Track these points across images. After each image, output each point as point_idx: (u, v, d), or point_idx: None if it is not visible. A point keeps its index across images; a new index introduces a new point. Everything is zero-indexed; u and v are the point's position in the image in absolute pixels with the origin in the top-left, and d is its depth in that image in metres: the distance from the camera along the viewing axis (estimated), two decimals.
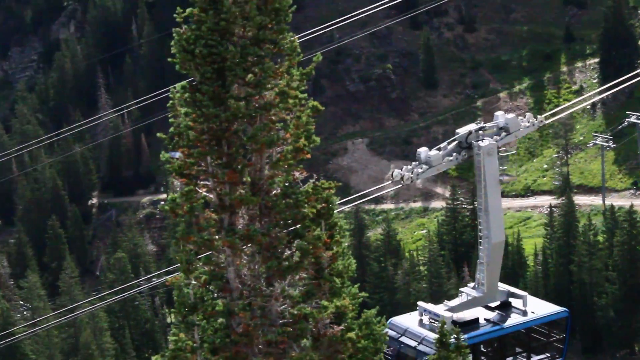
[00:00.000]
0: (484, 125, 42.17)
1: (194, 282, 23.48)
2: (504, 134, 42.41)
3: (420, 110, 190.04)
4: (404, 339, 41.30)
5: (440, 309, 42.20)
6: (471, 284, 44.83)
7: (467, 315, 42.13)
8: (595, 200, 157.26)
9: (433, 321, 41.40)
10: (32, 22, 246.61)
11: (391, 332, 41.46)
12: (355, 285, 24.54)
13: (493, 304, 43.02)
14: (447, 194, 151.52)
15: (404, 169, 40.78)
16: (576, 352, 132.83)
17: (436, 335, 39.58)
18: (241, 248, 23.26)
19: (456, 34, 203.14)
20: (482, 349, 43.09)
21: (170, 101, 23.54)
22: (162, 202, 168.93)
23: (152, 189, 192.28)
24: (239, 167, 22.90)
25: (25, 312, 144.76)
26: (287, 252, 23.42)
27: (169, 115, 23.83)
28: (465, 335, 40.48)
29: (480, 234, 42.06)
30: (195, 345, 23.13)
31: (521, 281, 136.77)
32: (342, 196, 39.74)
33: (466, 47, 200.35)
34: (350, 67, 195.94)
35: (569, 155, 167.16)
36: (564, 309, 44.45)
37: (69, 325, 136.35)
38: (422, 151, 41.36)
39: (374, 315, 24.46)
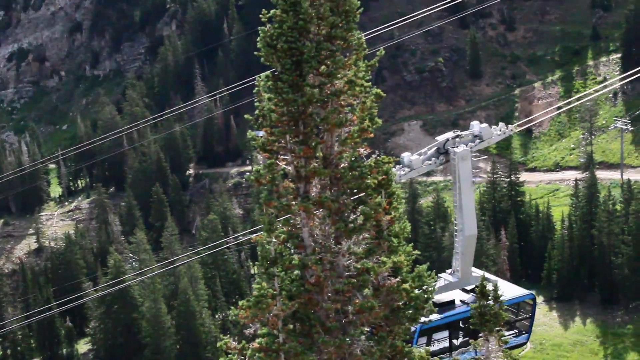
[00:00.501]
0: (460, 133, 41.72)
1: (274, 240, 23.58)
2: (478, 141, 41.91)
3: (467, 97, 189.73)
4: None
5: None
6: (449, 270, 44.29)
7: (444, 297, 41.74)
8: (615, 175, 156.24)
9: None
10: (141, 21, 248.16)
11: None
12: (409, 245, 24.46)
13: (469, 287, 42.55)
14: (488, 168, 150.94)
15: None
16: (595, 303, 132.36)
17: None
18: (314, 212, 23.31)
19: (498, 32, 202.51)
20: (458, 325, 42.74)
21: (256, 88, 23.77)
22: (248, 173, 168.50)
23: (239, 161, 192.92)
24: (313, 144, 22.99)
25: (133, 263, 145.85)
26: (353, 216, 23.45)
27: (255, 100, 23.98)
28: (442, 314, 40.31)
29: (456, 228, 41.61)
30: (275, 292, 23.22)
31: (550, 243, 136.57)
32: None
33: (506, 43, 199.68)
34: (407, 60, 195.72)
35: (593, 136, 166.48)
36: (530, 292, 43.87)
37: (170, 275, 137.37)
38: (405, 156, 40.88)
39: (425, 270, 24.38)
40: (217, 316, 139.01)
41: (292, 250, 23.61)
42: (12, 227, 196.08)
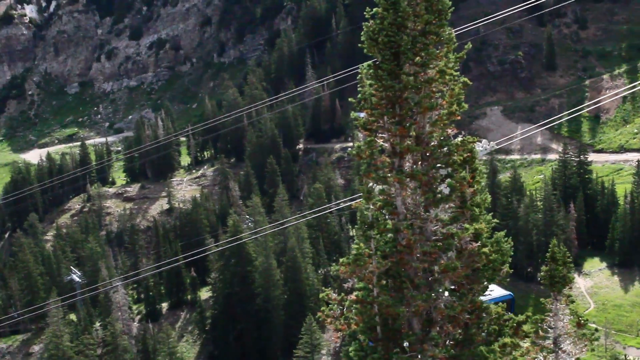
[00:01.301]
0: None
1: (372, 207, 23.66)
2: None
3: (542, 87, 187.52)
4: None
5: None
6: None
7: None
8: None
9: None
10: (261, 17, 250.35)
11: None
12: (489, 214, 24.25)
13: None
14: (560, 148, 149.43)
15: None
16: None
17: None
18: (407, 183, 23.31)
19: (572, 30, 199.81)
20: None
21: (359, 75, 23.89)
22: (350, 149, 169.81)
23: (342, 138, 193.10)
24: (408, 124, 23.04)
25: (249, 224, 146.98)
26: (440, 188, 23.39)
27: (358, 85, 24.08)
28: None
29: None
30: (371, 252, 23.31)
31: (613, 215, 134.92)
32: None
33: (579, 40, 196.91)
34: (491, 53, 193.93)
35: None
36: (509, 293, 42.57)
37: (280, 234, 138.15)
38: None
39: (502, 236, 24.14)
40: (319, 271, 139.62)
41: (387, 216, 23.63)
42: (148, 190, 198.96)
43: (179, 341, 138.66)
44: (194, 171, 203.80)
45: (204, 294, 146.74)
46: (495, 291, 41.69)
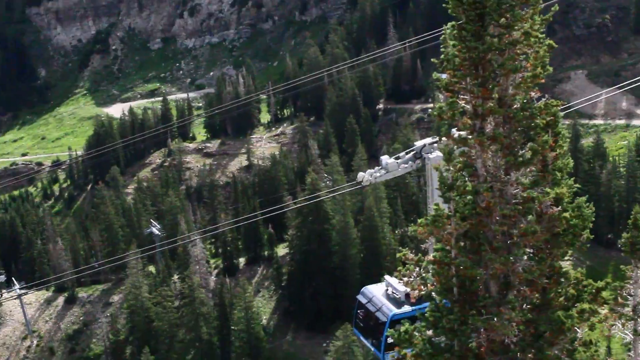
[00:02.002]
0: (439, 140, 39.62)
1: (452, 168, 23.55)
2: None
3: (629, 51, 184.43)
4: (369, 306, 39.29)
5: (396, 282, 39.67)
6: None
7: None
8: None
9: (394, 293, 39.36)
10: None
11: (362, 298, 39.89)
12: (571, 179, 23.97)
13: None
14: None
15: (367, 172, 38.87)
16: None
17: (391, 306, 37.43)
18: (488, 146, 23.12)
19: None
20: None
21: (443, 36, 23.69)
22: (431, 109, 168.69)
23: (422, 99, 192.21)
24: (490, 86, 22.80)
25: (327, 182, 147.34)
26: (522, 151, 23.19)
27: (441, 46, 23.94)
28: (415, 307, 38.22)
29: None
30: (450, 213, 23.23)
31: None
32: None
33: None
34: (577, 16, 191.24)
35: None
36: None
37: (358, 194, 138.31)
38: (384, 158, 38.90)
39: (584, 201, 23.85)
40: (396, 231, 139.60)
41: (467, 178, 23.49)
42: (227, 146, 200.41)
43: (255, 296, 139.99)
44: (273, 129, 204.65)
45: (281, 250, 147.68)
46: None
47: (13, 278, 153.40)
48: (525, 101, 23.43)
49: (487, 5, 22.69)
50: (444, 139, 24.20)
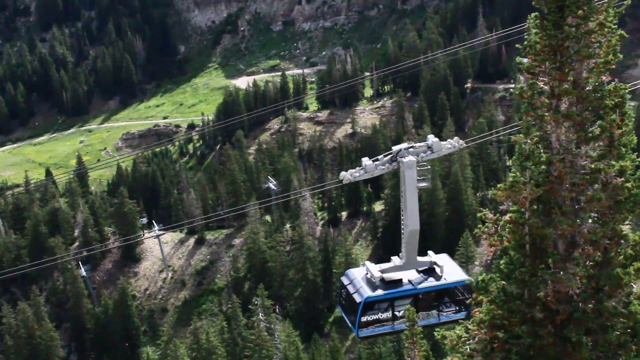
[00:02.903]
0: (414, 144, 37.91)
1: (529, 141, 23.39)
2: (429, 152, 38.19)
3: None
4: (349, 287, 38.35)
5: (374, 269, 38.60)
6: (399, 255, 40.59)
7: (394, 275, 38.34)
8: None
9: (372, 277, 38.51)
10: None
11: (345, 280, 38.88)
12: (634, 154, 23.57)
13: (421, 268, 38.72)
14: None
15: (348, 172, 37.56)
16: None
17: (367, 289, 37.02)
18: (562, 122, 22.89)
19: None
20: (402, 299, 38.71)
21: (526, 24, 23.51)
22: (512, 89, 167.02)
23: (505, 80, 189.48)
24: (567, 70, 22.57)
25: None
26: (591, 128, 22.90)
27: (524, 34, 23.75)
28: (387, 290, 37.15)
29: (403, 224, 38.18)
30: (525, 180, 23.13)
31: None
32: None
33: None
34: None
35: None
36: (469, 279, 39.70)
37: (445, 160, 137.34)
38: (364, 160, 37.83)
39: None
40: (477, 194, 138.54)
41: (542, 150, 23.31)
42: (335, 116, 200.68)
43: (353, 245, 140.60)
44: (374, 102, 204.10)
45: (378, 206, 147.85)
46: (457, 276, 39.41)
47: (153, 221, 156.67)
48: (597, 84, 23.21)
49: None
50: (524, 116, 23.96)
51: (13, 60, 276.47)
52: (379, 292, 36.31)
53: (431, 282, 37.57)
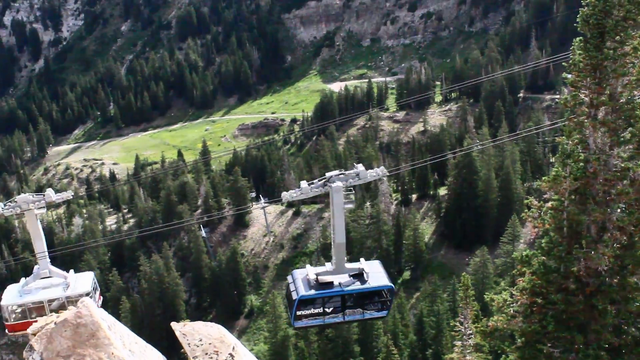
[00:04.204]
0: (344, 172, 36.19)
1: (570, 142, 22.99)
2: (357, 178, 36.40)
3: None
4: (290, 285, 37.10)
5: (312, 271, 37.49)
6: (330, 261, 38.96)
7: (327, 278, 36.94)
8: None
9: (308, 278, 37.40)
10: (502, 0, 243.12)
11: (289, 278, 37.24)
12: None
13: (352, 273, 36.52)
14: None
15: (289, 192, 35.56)
16: None
17: (303, 288, 35.56)
18: (598, 128, 22.43)
19: None
20: (331, 299, 37.07)
21: (572, 46, 23.10)
22: (558, 99, 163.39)
23: (552, 91, 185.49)
24: (604, 85, 22.14)
25: (478, 146, 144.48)
26: (624, 134, 22.39)
27: (570, 54, 23.35)
28: (319, 291, 35.87)
29: (332, 237, 36.53)
30: (566, 175, 22.80)
31: None
32: None
33: None
34: None
35: None
36: (390, 284, 37.69)
37: (499, 155, 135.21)
38: (302, 183, 36.26)
39: None
40: (524, 184, 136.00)
41: (580, 150, 22.87)
42: (410, 116, 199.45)
43: (421, 221, 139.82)
44: (443, 106, 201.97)
45: (442, 191, 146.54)
46: (381, 281, 38.11)
47: (260, 195, 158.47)
48: (629, 97, 22.68)
49: (607, 26, 22.14)
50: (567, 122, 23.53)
51: (156, 64, 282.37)
52: (312, 291, 35.72)
53: (357, 285, 36.71)
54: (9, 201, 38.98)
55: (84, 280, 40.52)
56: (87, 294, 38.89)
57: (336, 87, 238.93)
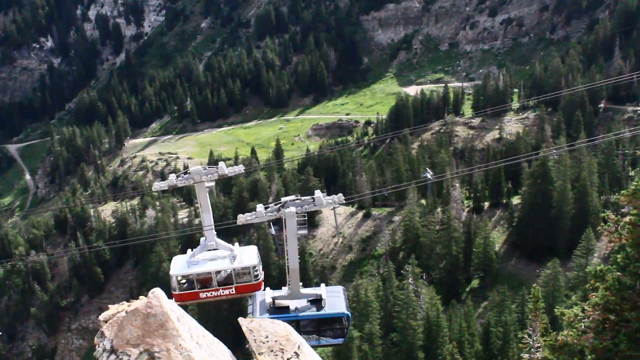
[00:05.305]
0: (300, 197, 34.63)
1: None
2: (312, 204, 34.77)
3: None
4: (249, 307, 36.27)
5: (269, 295, 36.18)
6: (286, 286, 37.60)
7: (284, 302, 35.52)
8: None
9: (266, 302, 36.44)
10: (586, 7, 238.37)
11: (250, 300, 37.32)
12: None
13: (311, 298, 36.40)
14: None
15: (245, 215, 35.00)
16: None
17: (259, 311, 35.56)
18: None
19: None
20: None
21: None
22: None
23: (634, 103, 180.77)
24: None
25: (555, 156, 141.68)
26: None
27: None
28: (273, 315, 34.77)
29: (287, 263, 35.07)
30: None
31: None
32: None
33: None
34: None
35: None
36: (345, 312, 35.91)
37: (576, 166, 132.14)
38: (258, 206, 34.83)
39: None
40: (601, 197, 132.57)
41: None
42: (486, 123, 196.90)
43: (492, 230, 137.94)
44: (520, 113, 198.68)
45: (515, 200, 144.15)
46: (337, 308, 36.95)
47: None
48: None
49: None
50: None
51: (234, 62, 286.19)
52: (266, 315, 35.46)
53: (313, 311, 36.17)
54: (182, 172, 40.07)
55: (250, 254, 40.96)
56: (254, 267, 39.71)
57: (412, 90, 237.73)
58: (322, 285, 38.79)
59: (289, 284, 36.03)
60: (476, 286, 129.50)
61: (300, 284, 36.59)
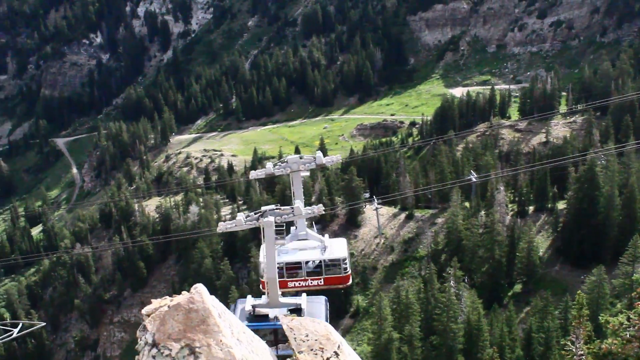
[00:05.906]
0: (280, 207, 33.46)
1: None
2: (291, 214, 33.60)
3: None
4: (235, 312, 35.20)
5: (249, 302, 35.10)
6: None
7: (263, 311, 34.54)
8: None
9: (246, 309, 35.52)
10: (639, 10, 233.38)
11: (232, 306, 35.23)
12: None
13: (290, 308, 34.21)
14: None
15: (225, 223, 33.13)
16: None
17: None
18: None
19: None
20: (265, 334, 34.50)
21: None
22: None
23: None
24: None
25: (602, 162, 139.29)
26: None
27: None
28: (252, 323, 33.78)
29: (263, 273, 33.99)
30: None
31: None
32: None
33: None
34: None
35: None
36: (324, 323, 34.70)
37: (625, 172, 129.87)
38: (239, 214, 33.81)
39: None
40: None
41: None
42: (532, 126, 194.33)
43: (536, 234, 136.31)
44: (567, 117, 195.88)
45: (561, 205, 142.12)
46: (314, 317, 36.08)
47: (374, 196, 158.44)
48: None
49: None
50: None
51: (280, 60, 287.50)
52: (245, 323, 35.04)
53: None
54: (280, 161, 40.08)
55: (340, 246, 40.60)
56: (344, 260, 39.30)
57: (458, 92, 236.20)
58: (304, 295, 38.64)
59: (267, 293, 35.94)
60: (519, 291, 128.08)
61: (280, 292, 36.49)
